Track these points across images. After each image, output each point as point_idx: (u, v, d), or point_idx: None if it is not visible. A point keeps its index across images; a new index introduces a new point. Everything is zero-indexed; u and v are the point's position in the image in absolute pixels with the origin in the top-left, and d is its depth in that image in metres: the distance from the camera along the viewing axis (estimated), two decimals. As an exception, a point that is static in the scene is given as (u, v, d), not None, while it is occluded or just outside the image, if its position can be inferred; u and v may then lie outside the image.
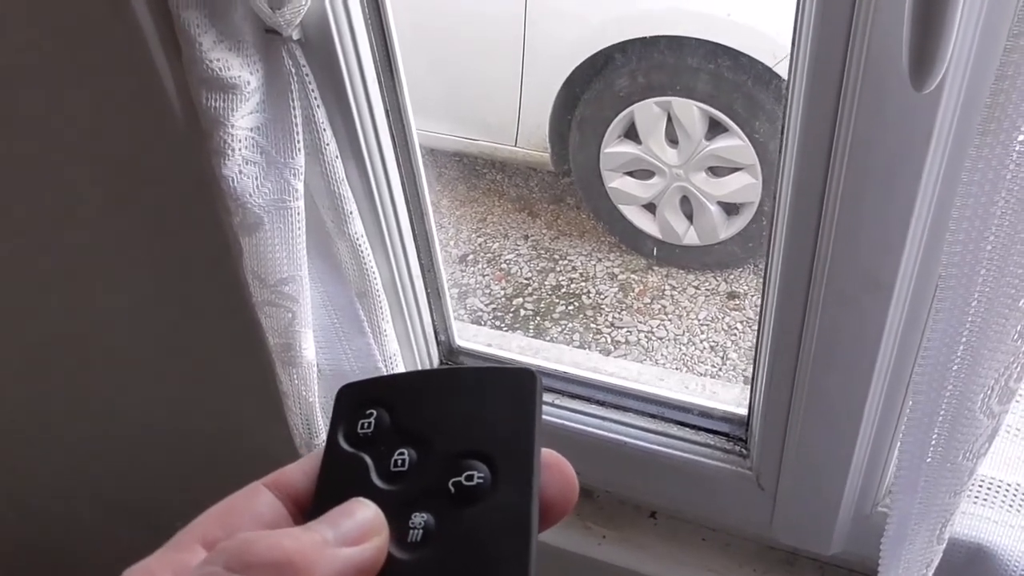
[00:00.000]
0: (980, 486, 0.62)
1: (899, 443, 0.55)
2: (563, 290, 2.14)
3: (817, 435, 0.67)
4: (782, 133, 0.56)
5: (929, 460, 0.53)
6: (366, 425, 0.31)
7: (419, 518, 0.29)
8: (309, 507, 0.30)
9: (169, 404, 1.04)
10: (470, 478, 0.29)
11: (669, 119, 1.91)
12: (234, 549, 0.25)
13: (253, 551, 0.25)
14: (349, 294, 0.73)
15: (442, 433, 0.31)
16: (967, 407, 0.49)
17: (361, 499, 0.29)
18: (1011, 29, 0.38)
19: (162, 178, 0.76)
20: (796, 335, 0.62)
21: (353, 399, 0.33)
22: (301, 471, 0.31)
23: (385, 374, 0.77)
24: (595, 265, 2.19)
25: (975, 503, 0.63)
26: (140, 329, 0.95)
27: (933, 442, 0.52)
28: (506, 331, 2.04)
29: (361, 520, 0.28)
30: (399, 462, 0.30)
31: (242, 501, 0.30)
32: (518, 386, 0.31)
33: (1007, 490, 0.62)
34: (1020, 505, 0.62)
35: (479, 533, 0.28)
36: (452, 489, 0.29)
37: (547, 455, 0.30)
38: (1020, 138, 0.40)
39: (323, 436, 0.76)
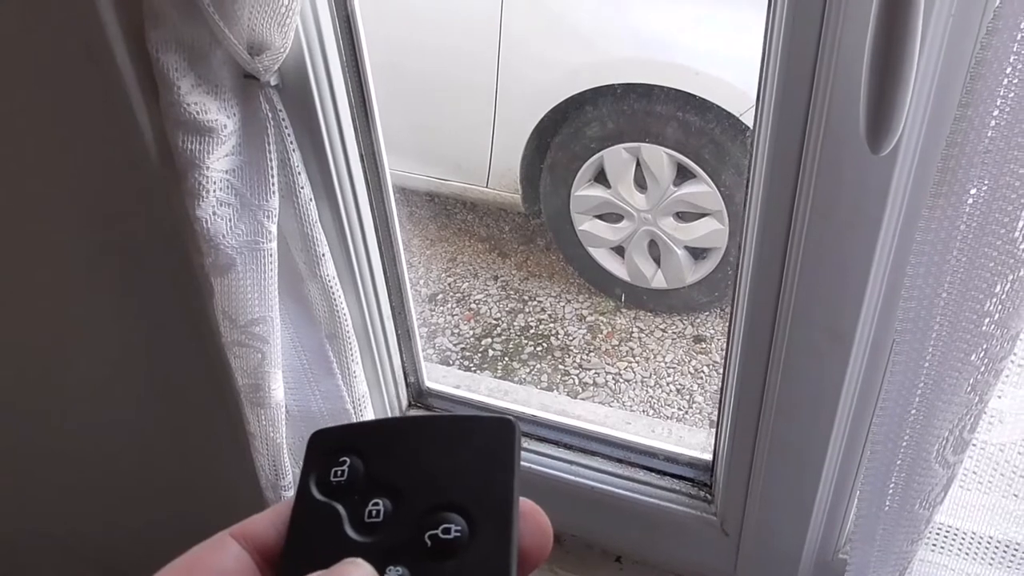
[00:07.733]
0: (937, 534, 0.63)
1: (858, 491, 0.56)
2: (532, 331, 2.14)
3: (780, 482, 0.68)
4: (747, 188, 0.58)
5: (887, 508, 0.54)
6: (339, 473, 0.30)
7: (394, 573, 0.27)
8: (279, 560, 0.29)
9: (132, 442, 1.03)
10: (447, 531, 0.28)
11: (638, 164, 1.95)
12: None
13: None
14: (319, 335, 0.73)
15: (418, 483, 0.29)
16: (923, 457, 0.50)
17: (357, 560, 0.27)
18: (960, 99, 0.40)
19: (135, 218, 0.76)
20: (760, 383, 0.64)
21: (326, 446, 0.31)
22: (270, 521, 0.30)
23: (358, 420, 0.77)
24: (564, 307, 2.20)
25: (933, 551, 0.64)
26: (108, 367, 0.94)
27: (890, 491, 0.53)
28: (474, 371, 2.04)
29: None
30: (373, 512, 0.29)
31: (208, 554, 0.28)
32: (496, 436, 0.30)
33: (964, 538, 0.63)
34: (976, 553, 0.63)
35: None
36: (428, 542, 0.28)
37: (522, 504, 0.29)
38: (970, 200, 0.42)
39: (290, 478, 0.75)
